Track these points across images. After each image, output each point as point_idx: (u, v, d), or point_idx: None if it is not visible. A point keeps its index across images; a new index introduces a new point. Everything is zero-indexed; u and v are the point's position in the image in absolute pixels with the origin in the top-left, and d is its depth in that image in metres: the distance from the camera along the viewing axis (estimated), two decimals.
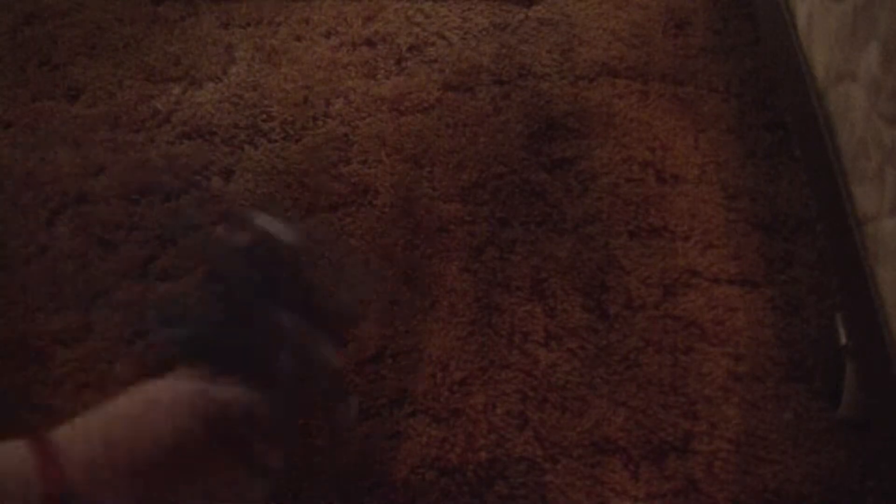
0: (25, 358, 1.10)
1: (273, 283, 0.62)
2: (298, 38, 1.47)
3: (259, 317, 0.61)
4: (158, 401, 0.54)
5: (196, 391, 0.55)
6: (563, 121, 1.29)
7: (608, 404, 0.99)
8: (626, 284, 1.09)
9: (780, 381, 1.00)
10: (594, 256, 1.12)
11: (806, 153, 1.16)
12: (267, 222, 0.64)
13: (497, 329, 1.06)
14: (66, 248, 1.21)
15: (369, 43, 1.44)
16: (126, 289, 1.16)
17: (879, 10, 0.87)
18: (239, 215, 0.64)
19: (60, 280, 1.17)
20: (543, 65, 1.37)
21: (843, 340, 0.95)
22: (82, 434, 0.51)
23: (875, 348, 0.86)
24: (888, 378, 0.83)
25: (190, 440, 0.54)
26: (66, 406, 1.04)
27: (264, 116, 1.35)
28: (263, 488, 0.61)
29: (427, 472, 0.94)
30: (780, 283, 1.08)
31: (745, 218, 1.15)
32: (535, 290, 1.10)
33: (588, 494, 0.93)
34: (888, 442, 0.85)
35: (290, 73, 1.41)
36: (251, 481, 0.59)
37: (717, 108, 1.28)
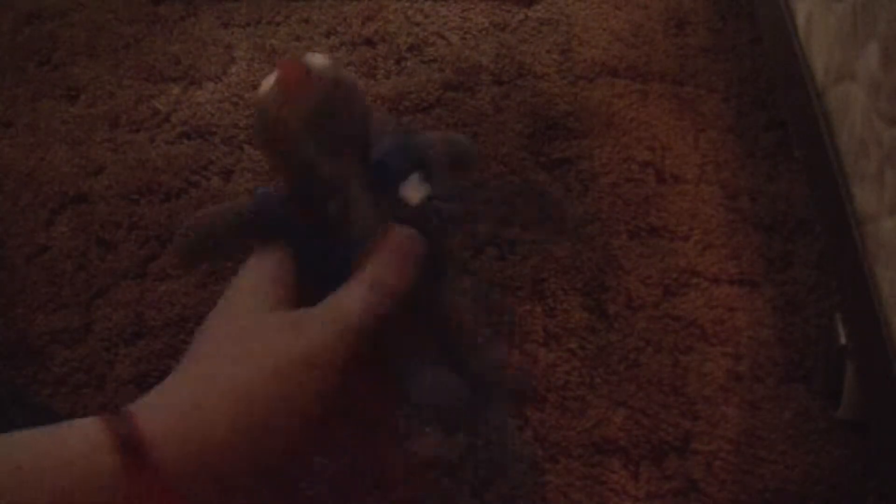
0: (25, 358, 1.10)
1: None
2: (298, 38, 1.47)
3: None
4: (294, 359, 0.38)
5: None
6: (563, 121, 1.29)
7: (608, 404, 0.99)
8: (625, 284, 1.09)
9: (780, 381, 1.00)
10: (594, 256, 1.12)
11: (806, 153, 1.16)
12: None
13: (497, 329, 1.06)
14: (66, 248, 1.21)
15: (369, 43, 1.44)
16: (126, 289, 1.16)
17: (879, 10, 0.87)
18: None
19: (60, 280, 1.17)
20: (543, 65, 1.37)
21: (843, 340, 0.95)
22: (178, 414, 0.36)
23: (875, 348, 0.86)
24: (888, 378, 0.83)
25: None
26: (65, 406, 1.05)
27: None
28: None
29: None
30: (780, 283, 1.08)
31: (745, 218, 1.15)
32: (535, 289, 1.10)
33: (588, 494, 0.93)
34: (888, 442, 0.85)
35: None
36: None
37: (717, 108, 1.28)
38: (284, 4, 1.53)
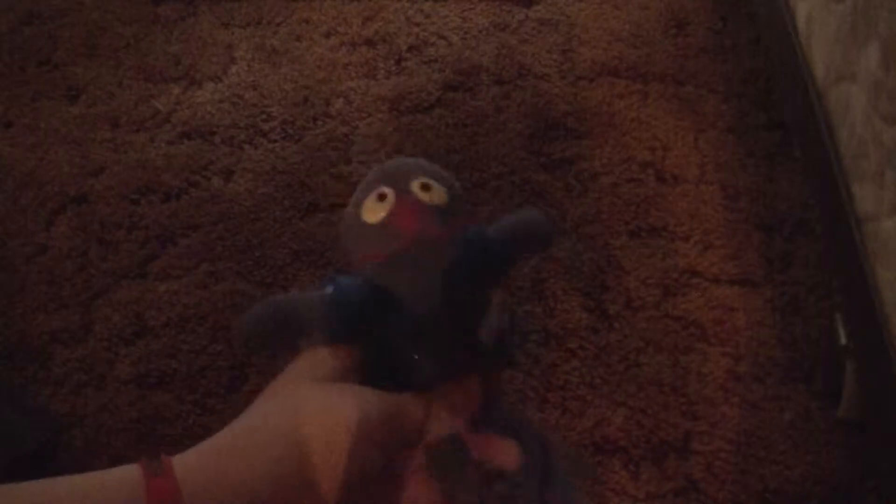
0: (25, 358, 1.10)
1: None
2: (298, 38, 1.47)
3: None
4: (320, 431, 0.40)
5: (370, 414, 0.41)
6: (563, 121, 1.29)
7: (608, 404, 0.99)
8: (626, 284, 1.09)
9: (780, 381, 1.00)
10: (594, 256, 1.12)
11: (806, 153, 1.16)
12: None
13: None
14: (66, 248, 1.21)
15: (369, 43, 1.44)
16: (126, 289, 1.16)
17: (879, 10, 0.87)
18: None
19: (60, 280, 1.17)
20: (543, 65, 1.37)
21: (843, 340, 0.95)
22: (214, 474, 0.39)
23: (875, 348, 0.86)
24: (888, 378, 0.83)
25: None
26: (65, 406, 1.05)
27: (264, 116, 1.35)
28: None
29: None
30: (780, 283, 1.08)
31: (745, 218, 1.15)
32: (535, 290, 1.10)
33: (588, 494, 0.93)
34: (888, 442, 0.85)
35: (290, 73, 1.41)
36: None
37: (717, 108, 1.28)
38: (284, 4, 1.53)
